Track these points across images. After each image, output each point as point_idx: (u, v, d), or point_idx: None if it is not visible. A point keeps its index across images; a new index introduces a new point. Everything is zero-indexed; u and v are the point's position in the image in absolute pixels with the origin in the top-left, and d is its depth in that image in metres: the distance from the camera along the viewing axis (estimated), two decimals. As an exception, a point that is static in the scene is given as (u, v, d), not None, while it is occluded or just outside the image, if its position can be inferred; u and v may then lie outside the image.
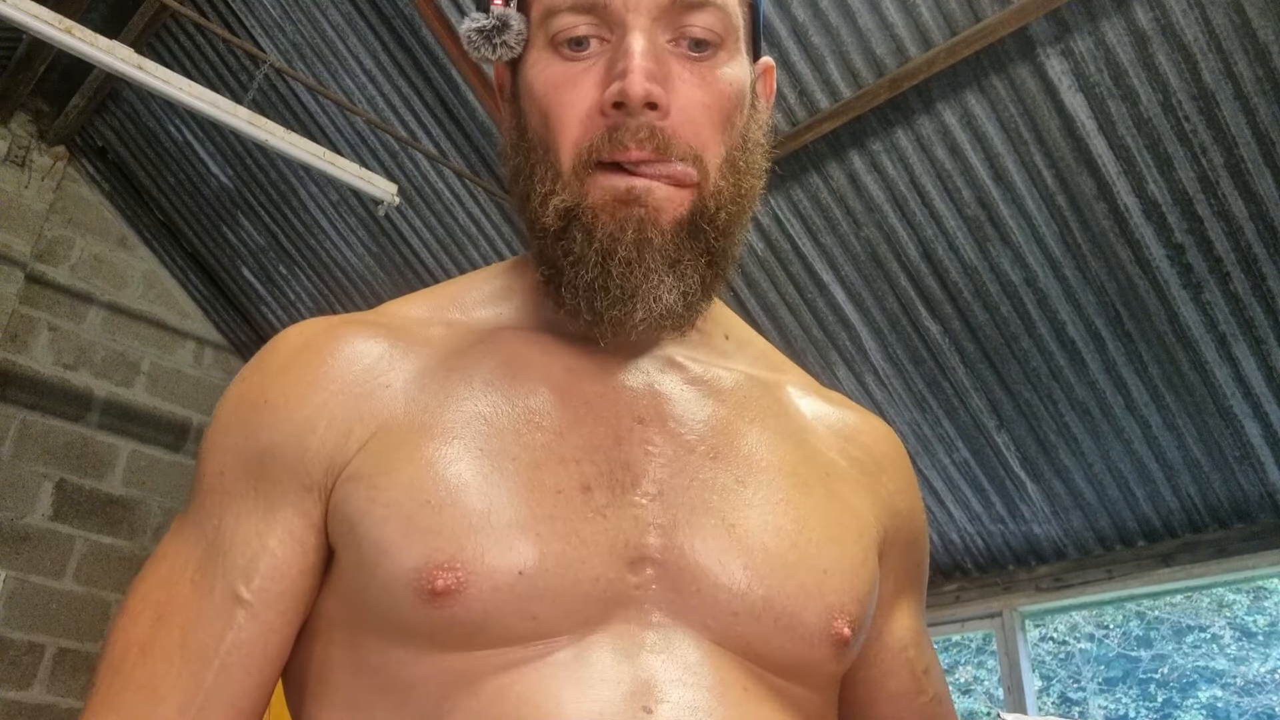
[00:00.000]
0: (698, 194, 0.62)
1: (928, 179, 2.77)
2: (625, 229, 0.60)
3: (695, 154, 0.61)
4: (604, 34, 0.61)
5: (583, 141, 0.61)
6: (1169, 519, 3.02)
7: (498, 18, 0.63)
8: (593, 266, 0.60)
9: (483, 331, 0.69)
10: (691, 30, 0.61)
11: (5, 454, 4.01)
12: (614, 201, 0.60)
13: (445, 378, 0.64)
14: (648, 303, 0.61)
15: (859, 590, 0.65)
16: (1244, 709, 5.20)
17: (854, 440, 0.75)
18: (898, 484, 0.75)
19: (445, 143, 3.52)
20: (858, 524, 0.68)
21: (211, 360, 4.77)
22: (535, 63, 0.63)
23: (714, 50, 0.63)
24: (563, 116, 0.61)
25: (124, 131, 4.27)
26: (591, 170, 0.61)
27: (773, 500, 0.65)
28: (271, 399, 0.64)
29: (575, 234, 0.61)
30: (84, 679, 4.00)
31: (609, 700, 0.56)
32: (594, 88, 0.61)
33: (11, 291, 4.07)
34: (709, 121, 0.62)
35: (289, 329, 0.68)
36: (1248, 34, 2.26)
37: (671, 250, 0.61)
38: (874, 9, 2.57)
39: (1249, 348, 2.65)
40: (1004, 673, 3.34)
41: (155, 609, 0.62)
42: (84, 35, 2.63)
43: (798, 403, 0.75)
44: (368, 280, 4.16)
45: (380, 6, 3.27)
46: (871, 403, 3.25)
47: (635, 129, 0.59)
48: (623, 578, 0.59)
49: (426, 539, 0.57)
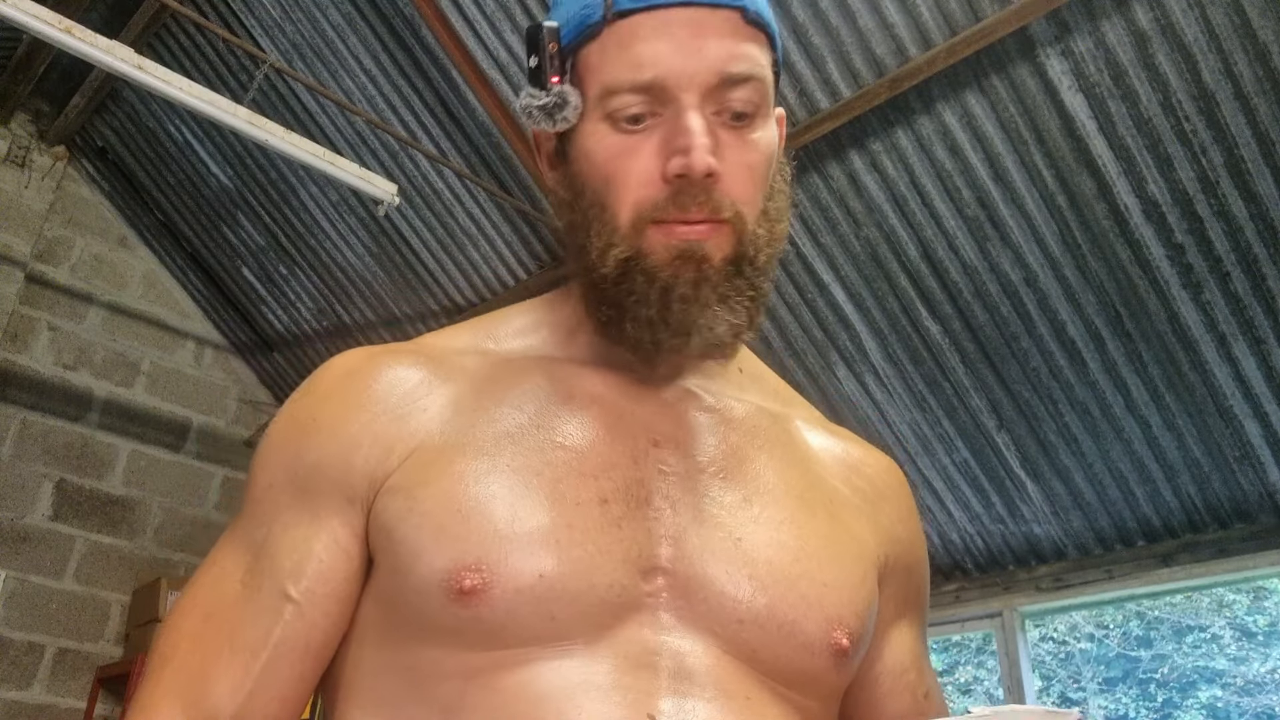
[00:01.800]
0: (738, 238, 0.69)
1: (928, 179, 2.77)
2: (684, 271, 0.68)
3: (738, 211, 0.69)
4: (657, 109, 0.68)
5: (643, 202, 0.68)
6: (1169, 519, 3.02)
7: (557, 95, 0.70)
8: (654, 303, 0.68)
9: (513, 360, 0.76)
10: (733, 105, 0.68)
11: (5, 454, 4.01)
12: (672, 252, 0.68)
13: (477, 401, 0.71)
14: (703, 334, 0.68)
15: (858, 605, 0.70)
16: (1244, 709, 5.21)
17: (858, 471, 0.81)
18: (899, 513, 0.81)
19: (445, 143, 3.52)
20: (858, 547, 0.74)
21: (211, 360, 4.77)
22: (593, 134, 0.70)
23: (751, 119, 0.70)
24: (625, 181, 0.68)
25: (124, 131, 4.27)
26: (647, 225, 0.68)
27: (777, 519, 0.70)
28: (319, 420, 0.71)
29: (636, 277, 0.68)
30: (84, 679, 4.00)
31: (621, 702, 0.60)
32: (652, 157, 0.68)
33: (11, 291, 4.07)
34: (750, 181, 0.70)
35: (335, 358, 0.76)
36: (1248, 34, 2.26)
37: (722, 288, 0.68)
38: (874, 9, 2.57)
39: (1249, 348, 2.65)
40: (1004, 673, 3.34)
41: (205, 607, 0.68)
42: (84, 35, 2.63)
43: (805, 434, 0.81)
44: (368, 280, 4.16)
45: (380, 6, 3.27)
46: (871, 402, 3.25)
47: (695, 194, 0.67)
48: (636, 585, 0.64)
49: (456, 544, 0.63)
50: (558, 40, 0.70)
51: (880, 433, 3.27)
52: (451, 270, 3.89)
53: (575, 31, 0.70)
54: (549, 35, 0.70)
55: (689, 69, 0.67)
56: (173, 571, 4.24)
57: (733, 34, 0.68)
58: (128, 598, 4.16)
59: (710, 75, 0.67)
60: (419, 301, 4.09)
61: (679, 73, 0.67)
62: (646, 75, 0.67)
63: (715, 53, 0.67)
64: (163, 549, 4.35)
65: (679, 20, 0.67)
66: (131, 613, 4.11)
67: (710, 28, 0.68)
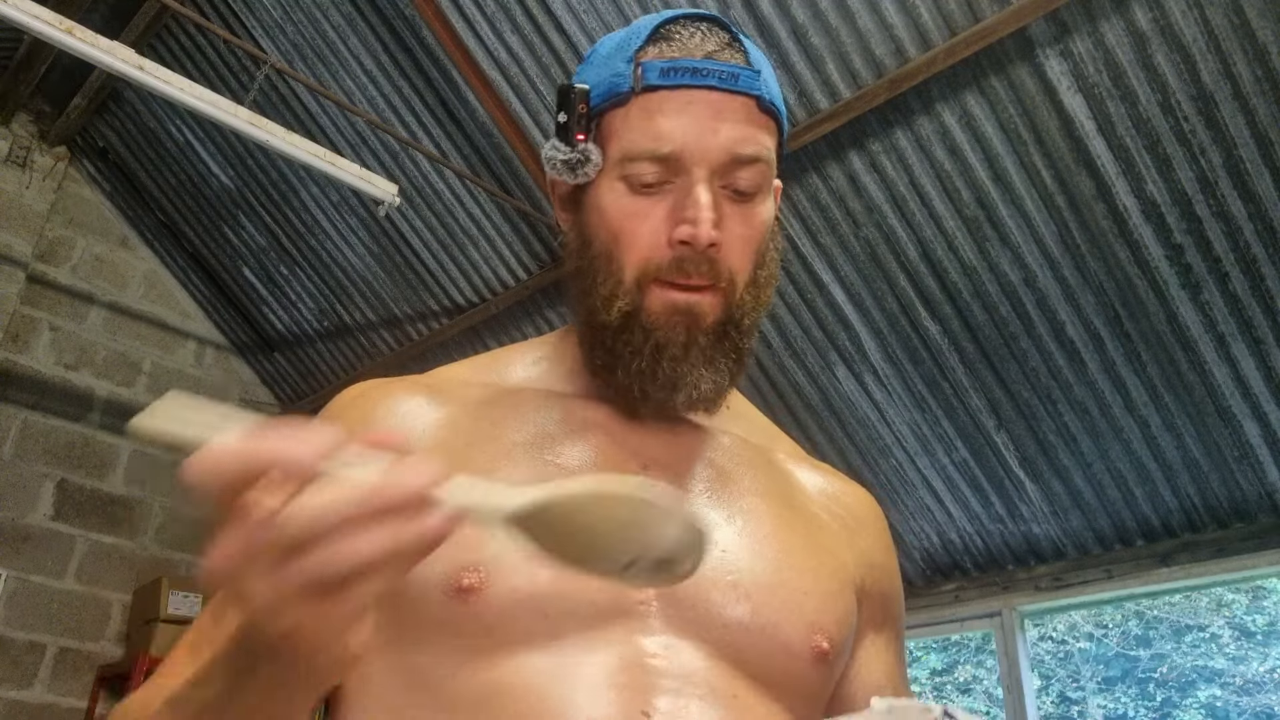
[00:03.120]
0: (728, 303, 0.76)
1: (927, 179, 2.77)
2: (677, 332, 0.74)
3: (733, 279, 0.76)
4: (671, 178, 0.74)
5: (650, 262, 0.74)
6: (1168, 519, 3.03)
7: (581, 152, 0.76)
8: (647, 358, 0.74)
9: (513, 390, 0.81)
10: (739, 183, 0.75)
11: (6, 454, 4.02)
12: (670, 311, 0.74)
13: (475, 425, 0.76)
14: (689, 391, 0.75)
15: (837, 613, 0.75)
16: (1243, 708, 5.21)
17: (837, 500, 0.86)
18: (876, 543, 0.86)
19: (445, 143, 3.52)
20: (836, 563, 0.78)
21: (213, 360, 4.77)
22: (609, 191, 0.76)
23: (753, 196, 0.76)
24: (633, 241, 0.74)
25: (125, 132, 4.28)
26: (650, 284, 0.74)
27: (760, 534, 0.75)
28: None
29: (635, 330, 0.74)
30: (85, 679, 4.00)
31: (616, 699, 0.63)
32: (662, 222, 0.74)
33: (13, 292, 4.07)
34: (746, 252, 0.77)
35: (348, 387, 0.82)
36: (1247, 34, 2.26)
37: (710, 350, 0.75)
38: (873, 10, 2.58)
39: (1248, 348, 2.65)
40: (1003, 672, 3.35)
41: (213, 609, 0.73)
42: (85, 36, 2.64)
43: (787, 466, 0.86)
44: (368, 280, 4.16)
45: (381, 7, 3.28)
46: (871, 402, 3.26)
47: (698, 262, 0.73)
48: (627, 593, 0.68)
49: (454, 549, 0.65)
50: (587, 102, 0.76)
51: (879, 432, 3.28)
52: (452, 270, 3.90)
53: (604, 96, 0.76)
54: (579, 96, 0.76)
55: (704, 146, 0.73)
56: (174, 571, 4.25)
57: (746, 119, 0.74)
58: (129, 597, 4.16)
59: (722, 154, 0.73)
60: (419, 301, 4.10)
61: (695, 149, 0.73)
62: (665, 148, 0.73)
63: (729, 134, 0.73)
64: (164, 549, 4.36)
65: (700, 101, 0.73)
66: (132, 612, 4.12)
67: (728, 111, 0.74)
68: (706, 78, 0.73)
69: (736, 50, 0.76)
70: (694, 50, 0.75)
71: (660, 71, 0.74)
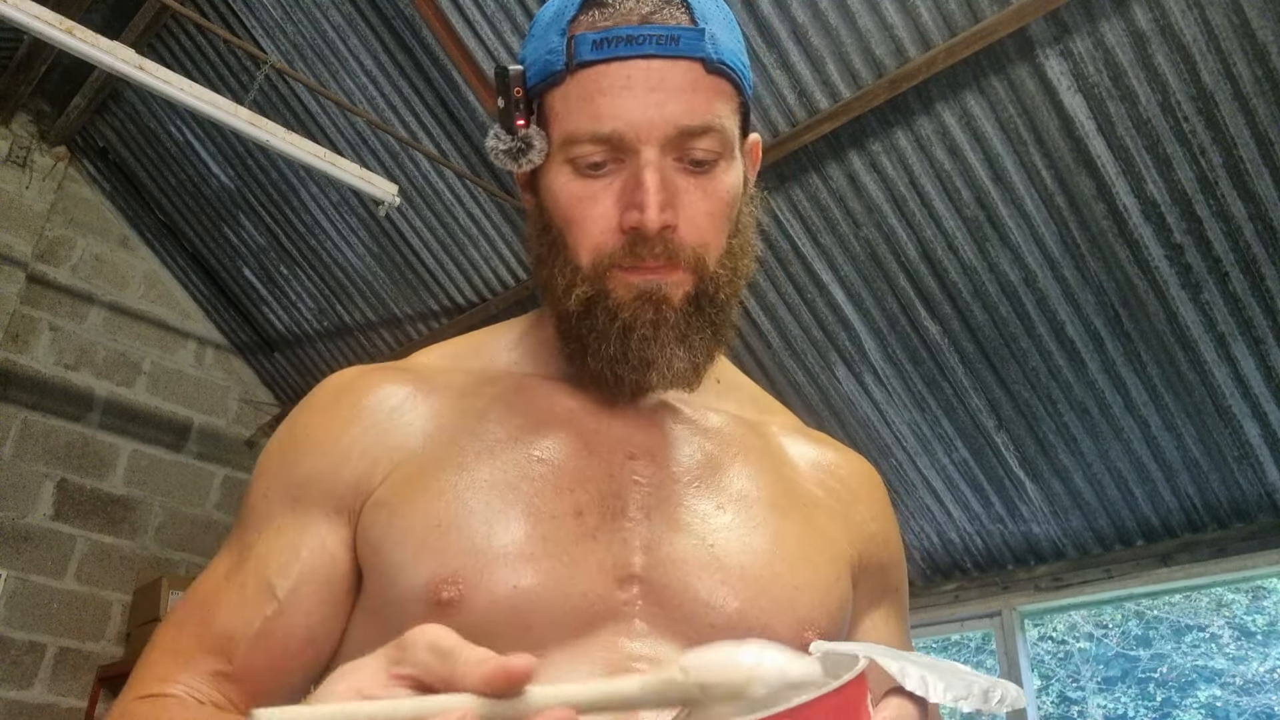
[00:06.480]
0: (698, 278, 0.71)
1: (927, 179, 2.77)
2: (644, 312, 0.70)
3: (698, 254, 0.71)
4: (618, 156, 0.70)
5: (603, 249, 0.71)
6: (1168, 519, 3.03)
7: (522, 139, 0.72)
8: (614, 341, 0.71)
9: (496, 377, 0.79)
10: (693, 153, 0.70)
11: (6, 454, 4.02)
12: (633, 291, 0.71)
13: (459, 418, 0.74)
14: (662, 370, 0.71)
15: (829, 606, 0.72)
16: (1243, 708, 5.21)
17: (832, 473, 0.83)
18: (872, 512, 0.83)
19: (445, 143, 3.52)
20: (831, 548, 0.76)
21: (213, 360, 4.77)
22: (557, 175, 0.72)
23: (712, 165, 0.71)
24: (584, 227, 0.71)
25: (125, 132, 4.28)
26: (609, 269, 0.71)
27: (750, 524, 0.73)
28: (312, 434, 0.75)
29: (599, 315, 0.71)
30: (84, 678, 4.01)
31: None
32: (611, 206, 0.70)
33: (13, 291, 4.07)
34: (711, 226, 0.72)
35: (331, 376, 0.80)
36: (1246, 34, 2.26)
37: (682, 326, 0.71)
38: (873, 10, 2.58)
39: (1248, 348, 2.65)
40: (1003, 672, 3.35)
41: (196, 598, 0.72)
42: (85, 36, 2.64)
43: (781, 441, 0.83)
44: (368, 280, 4.16)
45: (380, 7, 3.28)
46: (871, 402, 3.25)
47: (652, 246, 0.69)
48: (611, 594, 0.67)
49: (434, 558, 0.65)
50: (523, 84, 0.72)
51: (879, 433, 3.27)
52: (452, 270, 3.90)
53: (540, 76, 0.72)
54: (515, 80, 0.72)
55: (648, 122, 0.68)
56: (174, 571, 4.25)
57: (692, 86, 0.69)
58: (129, 597, 4.17)
59: (668, 128, 0.68)
60: (419, 301, 4.10)
61: (638, 126, 0.68)
62: (606, 128, 0.68)
63: (673, 107, 0.68)
64: (164, 549, 4.36)
65: (639, 72, 0.68)
66: (132, 612, 4.12)
67: (670, 80, 0.69)
68: (643, 45, 0.68)
69: (678, 7, 0.70)
70: (629, 14, 0.69)
71: (592, 44, 0.68)
